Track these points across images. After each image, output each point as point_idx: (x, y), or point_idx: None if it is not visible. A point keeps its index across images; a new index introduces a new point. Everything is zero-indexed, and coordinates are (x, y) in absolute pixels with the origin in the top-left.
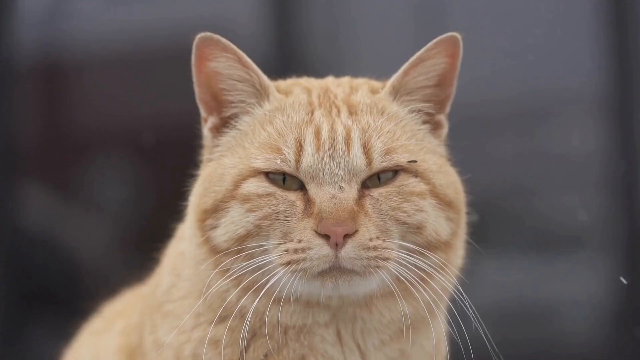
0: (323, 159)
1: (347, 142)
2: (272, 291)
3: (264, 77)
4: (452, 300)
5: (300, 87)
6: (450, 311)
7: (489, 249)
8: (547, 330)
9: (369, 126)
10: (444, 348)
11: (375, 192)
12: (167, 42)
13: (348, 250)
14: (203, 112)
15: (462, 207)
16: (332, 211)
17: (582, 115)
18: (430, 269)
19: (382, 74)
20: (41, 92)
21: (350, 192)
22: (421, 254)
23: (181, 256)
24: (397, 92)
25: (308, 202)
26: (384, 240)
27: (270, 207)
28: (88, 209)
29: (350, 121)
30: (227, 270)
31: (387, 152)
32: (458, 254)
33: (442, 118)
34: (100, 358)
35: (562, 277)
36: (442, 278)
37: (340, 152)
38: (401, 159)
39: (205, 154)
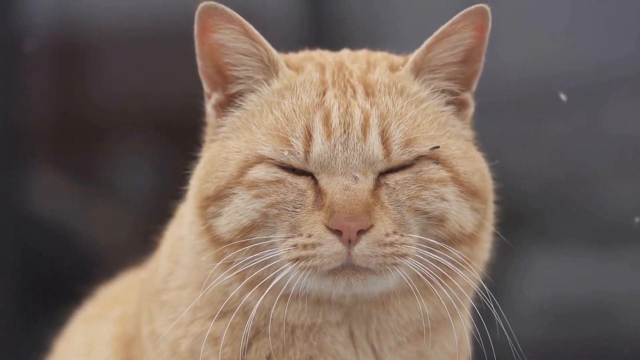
0: (335, 146)
1: (364, 129)
2: (279, 287)
3: (273, 51)
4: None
5: (312, 63)
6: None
7: (546, 242)
8: (608, 329)
9: (388, 110)
10: (466, 348)
11: (392, 180)
12: (187, 17)
13: (362, 247)
14: (206, 88)
15: (489, 196)
16: (344, 204)
17: None
18: (452, 265)
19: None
20: (55, 72)
21: (366, 182)
22: (443, 249)
23: (180, 242)
24: (419, 70)
25: (319, 192)
26: (401, 235)
27: (278, 195)
28: (107, 196)
29: (368, 104)
30: (230, 264)
31: (407, 144)
32: (484, 248)
33: (468, 97)
34: (95, 347)
35: (625, 272)
36: (466, 275)
37: (355, 139)
38: (422, 148)
39: (208, 134)
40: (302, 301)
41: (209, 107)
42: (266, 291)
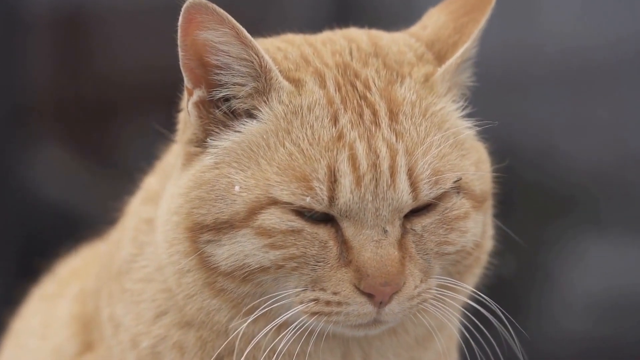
0: (364, 196)
1: (392, 171)
2: (283, 322)
3: (266, 58)
4: (537, 296)
5: (310, 73)
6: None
7: (597, 228)
8: None
9: (413, 142)
10: (455, 341)
11: (418, 226)
12: None
13: (393, 306)
14: (188, 82)
15: (491, 189)
16: (379, 267)
17: None
18: (461, 276)
19: None
20: (60, 44)
21: (394, 234)
22: (455, 266)
23: (145, 225)
24: (457, 69)
25: (343, 243)
26: (425, 282)
27: (298, 249)
28: (118, 177)
29: (393, 136)
30: (223, 290)
31: (437, 182)
32: (488, 236)
33: None
34: (51, 328)
35: None
36: (472, 277)
37: (385, 186)
38: (448, 183)
39: (187, 132)
40: (301, 334)
41: (190, 104)
42: (267, 325)
